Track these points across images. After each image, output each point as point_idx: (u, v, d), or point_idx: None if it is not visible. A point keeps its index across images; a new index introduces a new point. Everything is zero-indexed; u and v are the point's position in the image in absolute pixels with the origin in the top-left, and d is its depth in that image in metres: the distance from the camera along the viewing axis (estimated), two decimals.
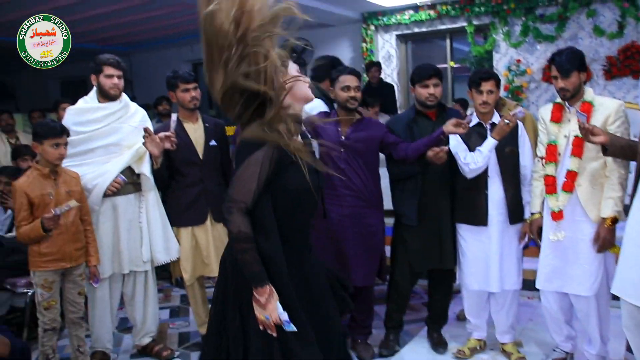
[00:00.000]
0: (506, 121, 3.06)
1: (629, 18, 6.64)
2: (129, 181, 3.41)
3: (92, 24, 7.08)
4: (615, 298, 2.72)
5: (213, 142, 3.57)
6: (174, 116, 3.47)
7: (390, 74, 8.37)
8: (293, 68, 2.03)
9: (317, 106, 3.59)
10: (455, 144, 3.24)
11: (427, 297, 3.74)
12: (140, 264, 3.46)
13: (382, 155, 3.47)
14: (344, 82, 3.28)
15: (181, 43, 8.65)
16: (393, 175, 3.46)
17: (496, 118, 3.25)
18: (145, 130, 3.29)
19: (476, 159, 3.13)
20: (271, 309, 1.88)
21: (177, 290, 5.03)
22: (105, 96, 3.39)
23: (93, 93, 3.44)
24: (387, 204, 3.51)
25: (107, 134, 3.37)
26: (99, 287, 3.39)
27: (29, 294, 3.74)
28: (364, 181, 3.29)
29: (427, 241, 3.39)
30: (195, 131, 3.57)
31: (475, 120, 3.26)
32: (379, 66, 7.60)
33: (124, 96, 3.49)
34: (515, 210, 3.24)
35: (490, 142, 3.11)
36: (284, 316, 1.88)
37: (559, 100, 3.08)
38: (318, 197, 2.10)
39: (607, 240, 2.88)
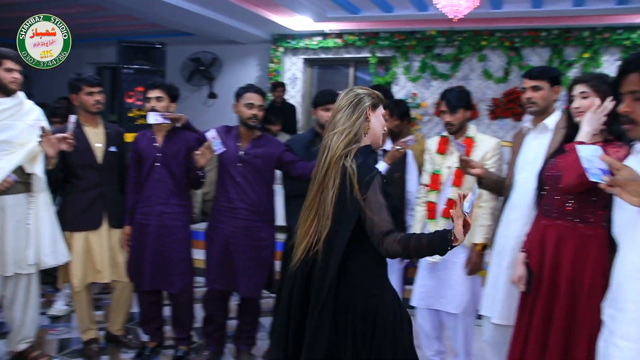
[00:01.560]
0: (397, 147, 3.30)
1: (513, 66, 7.31)
2: (20, 180, 3.30)
3: None
4: (480, 317, 3.03)
5: (113, 148, 3.55)
6: (72, 118, 3.37)
7: (294, 95, 8.59)
8: (381, 112, 2.30)
9: None
10: None
11: None
12: (25, 266, 3.34)
13: (277, 172, 3.58)
14: (248, 99, 3.35)
15: (86, 44, 8.39)
16: (289, 192, 3.57)
17: (388, 145, 3.48)
18: (43, 129, 3.21)
19: None
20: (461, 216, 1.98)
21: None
22: (3, 91, 3.27)
23: None
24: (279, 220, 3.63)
25: None
26: None
27: None
28: (259, 196, 3.39)
29: None
30: (96, 135, 3.53)
31: None
32: (284, 87, 7.82)
33: (20, 92, 3.37)
34: None
35: (381, 166, 3.33)
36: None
37: (445, 133, 3.36)
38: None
39: (476, 264, 3.17)
